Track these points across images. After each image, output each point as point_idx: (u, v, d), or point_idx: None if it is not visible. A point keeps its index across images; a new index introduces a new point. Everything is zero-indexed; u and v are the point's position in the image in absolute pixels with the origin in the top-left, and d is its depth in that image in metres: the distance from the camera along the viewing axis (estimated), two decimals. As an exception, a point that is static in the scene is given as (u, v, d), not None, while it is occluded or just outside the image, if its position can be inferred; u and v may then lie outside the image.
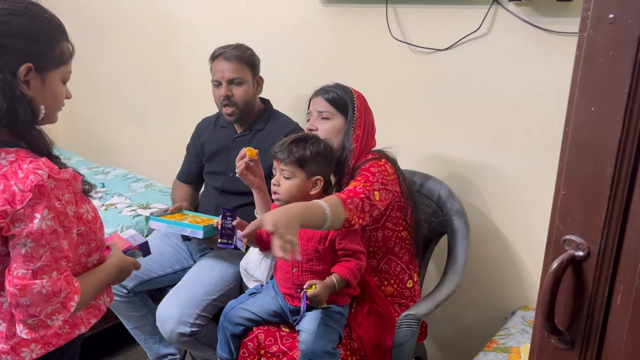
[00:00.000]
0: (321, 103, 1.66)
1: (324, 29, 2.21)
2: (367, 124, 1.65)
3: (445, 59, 1.91)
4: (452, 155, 1.97)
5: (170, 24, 2.88)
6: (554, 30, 1.68)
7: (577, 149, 0.61)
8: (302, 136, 1.57)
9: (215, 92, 1.99)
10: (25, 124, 1.08)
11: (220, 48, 1.98)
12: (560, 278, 0.62)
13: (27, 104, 1.06)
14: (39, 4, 1.14)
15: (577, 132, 0.61)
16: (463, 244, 1.74)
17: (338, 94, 1.66)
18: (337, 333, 1.51)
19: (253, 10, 2.44)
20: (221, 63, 1.95)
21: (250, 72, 1.99)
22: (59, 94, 1.16)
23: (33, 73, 1.08)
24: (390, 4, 1.98)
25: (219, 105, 2.00)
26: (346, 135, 1.63)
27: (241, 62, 1.95)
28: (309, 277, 1.53)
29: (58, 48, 1.13)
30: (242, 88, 1.95)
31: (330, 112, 1.65)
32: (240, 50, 1.97)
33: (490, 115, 1.86)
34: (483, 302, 1.99)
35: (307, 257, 1.53)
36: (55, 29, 1.13)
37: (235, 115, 1.97)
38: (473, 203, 1.93)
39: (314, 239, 1.52)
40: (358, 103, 1.65)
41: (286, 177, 1.53)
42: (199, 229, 1.76)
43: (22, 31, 1.07)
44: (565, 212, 0.63)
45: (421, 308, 1.53)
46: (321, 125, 1.65)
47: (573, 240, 0.62)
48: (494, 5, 1.77)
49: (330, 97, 1.66)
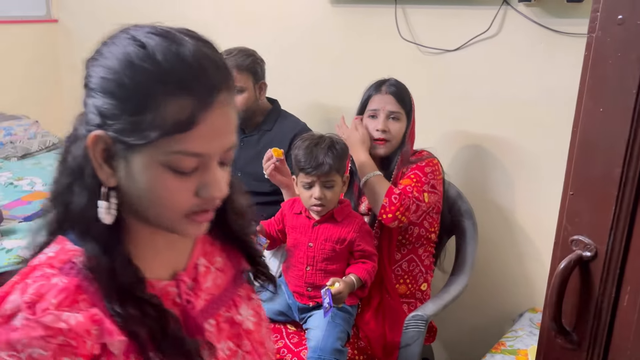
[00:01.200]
0: (391, 102, 1.62)
1: (333, 29, 2.22)
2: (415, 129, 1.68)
3: (455, 59, 1.91)
4: (461, 156, 1.97)
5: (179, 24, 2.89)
6: (564, 31, 1.67)
7: (585, 149, 0.61)
8: (324, 141, 1.50)
9: None
10: None
11: (223, 52, 1.97)
12: (568, 278, 0.62)
13: None
14: None
15: (585, 132, 0.61)
16: (471, 245, 1.74)
17: (405, 95, 1.64)
18: (346, 331, 1.51)
19: (262, 10, 2.45)
20: None
21: (252, 79, 1.96)
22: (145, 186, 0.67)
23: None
24: (399, 5, 1.98)
25: None
26: (406, 135, 1.63)
27: (241, 70, 1.92)
28: (322, 276, 1.52)
29: None
30: (242, 96, 1.94)
31: (401, 112, 1.62)
32: (241, 57, 1.94)
33: (499, 116, 1.85)
34: (491, 303, 1.99)
35: (323, 257, 1.52)
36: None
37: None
38: (482, 204, 1.92)
39: (332, 239, 1.51)
40: (412, 98, 1.66)
41: (328, 187, 1.48)
42: None
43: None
44: (573, 213, 0.63)
45: (428, 309, 1.53)
46: (392, 126, 1.62)
47: (581, 240, 0.62)
48: (503, 6, 1.77)
49: (397, 93, 1.63)
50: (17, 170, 3.00)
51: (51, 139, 3.42)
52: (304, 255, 1.53)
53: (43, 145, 3.38)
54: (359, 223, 1.53)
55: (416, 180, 1.53)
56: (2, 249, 2.05)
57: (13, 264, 1.99)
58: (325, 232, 1.51)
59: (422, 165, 1.58)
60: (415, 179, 1.53)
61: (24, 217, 2.32)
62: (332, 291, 1.40)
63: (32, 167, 3.08)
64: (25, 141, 3.34)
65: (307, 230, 1.53)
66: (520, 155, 1.83)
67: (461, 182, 1.89)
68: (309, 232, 1.53)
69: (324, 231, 1.51)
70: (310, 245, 1.52)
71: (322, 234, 1.52)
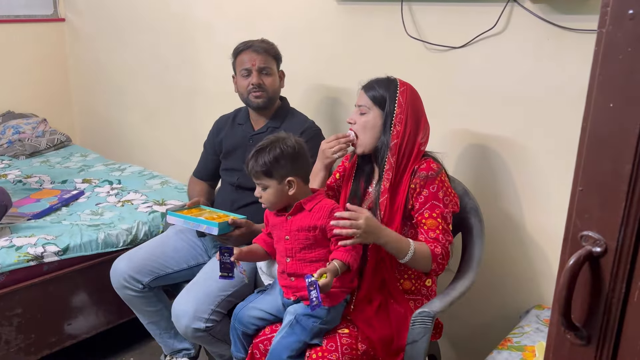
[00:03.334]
0: (362, 96, 1.66)
1: (339, 26, 2.22)
2: (411, 121, 1.62)
3: (461, 56, 1.90)
4: (468, 153, 1.97)
5: (186, 23, 2.90)
6: (572, 27, 1.66)
7: (595, 145, 0.61)
8: (260, 147, 1.57)
9: (243, 82, 2.01)
10: None
11: (244, 43, 2.02)
12: (577, 274, 0.62)
13: None
14: None
15: (595, 128, 0.61)
16: (478, 242, 1.74)
17: (379, 87, 1.64)
18: (302, 342, 1.50)
19: (268, 8, 2.45)
20: (250, 54, 1.99)
21: (276, 65, 2.04)
22: None
23: None
24: (405, 2, 1.98)
25: (245, 94, 2.02)
26: (383, 133, 1.62)
27: (269, 54, 2.01)
28: (303, 266, 1.55)
29: None
30: (272, 78, 2.01)
31: (366, 106, 1.64)
32: (267, 43, 2.03)
33: (506, 113, 1.85)
34: (497, 300, 1.99)
35: (299, 246, 1.56)
36: None
37: (263, 99, 2.00)
38: (488, 201, 1.92)
39: (303, 227, 1.55)
40: (401, 98, 1.62)
41: (263, 189, 1.57)
42: (214, 225, 1.77)
43: None
44: (582, 209, 0.63)
45: (435, 305, 1.53)
46: (358, 119, 1.65)
47: (590, 236, 0.62)
48: (510, 3, 1.76)
49: (369, 89, 1.65)
50: (25, 168, 3.02)
51: (59, 137, 3.44)
52: (283, 248, 1.58)
53: (51, 143, 3.40)
54: (329, 209, 1.55)
55: (441, 219, 1.57)
56: (12, 247, 2.06)
57: (23, 262, 2.01)
58: (297, 223, 1.56)
59: (435, 192, 1.58)
60: (439, 218, 1.57)
61: (33, 214, 2.34)
62: (319, 284, 1.38)
63: (41, 165, 3.10)
64: (33, 139, 3.36)
65: (283, 224, 1.58)
66: (527, 152, 1.83)
67: (467, 179, 1.89)
68: (284, 226, 1.58)
69: (296, 222, 1.56)
70: (287, 238, 1.57)
71: (294, 224, 1.56)
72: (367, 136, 1.63)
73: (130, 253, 2.02)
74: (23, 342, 2.06)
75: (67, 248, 2.12)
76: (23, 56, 3.64)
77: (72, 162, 3.15)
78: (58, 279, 2.11)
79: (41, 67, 3.73)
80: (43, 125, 3.48)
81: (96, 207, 2.49)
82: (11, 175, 2.89)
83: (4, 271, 1.97)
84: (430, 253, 1.55)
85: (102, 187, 2.73)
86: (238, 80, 2.03)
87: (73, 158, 3.23)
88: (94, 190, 2.69)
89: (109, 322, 2.32)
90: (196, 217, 1.83)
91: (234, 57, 2.04)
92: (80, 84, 3.82)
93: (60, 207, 2.46)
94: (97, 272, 2.19)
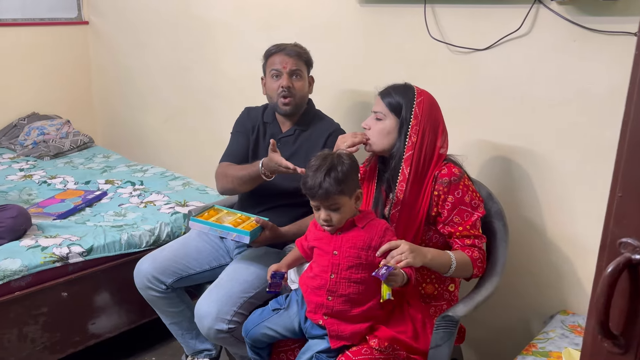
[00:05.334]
0: (379, 103, 1.64)
1: (361, 29, 2.21)
2: (428, 131, 1.59)
3: (485, 59, 1.89)
4: (492, 155, 1.95)
5: (206, 24, 2.92)
6: (599, 29, 1.64)
7: (635, 150, 0.60)
8: (325, 165, 1.47)
9: (273, 84, 1.99)
10: None
11: (276, 45, 2.01)
12: (616, 281, 0.61)
13: None
14: None
15: (635, 132, 0.60)
16: (502, 246, 1.72)
17: (396, 94, 1.61)
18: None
19: (289, 10, 2.46)
20: (282, 57, 1.97)
21: (307, 70, 2.03)
22: None
23: None
24: (428, 4, 1.97)
25: (274, 97, 1.99)
26: (398, 140, 1.60)
27: (301, 58, 2.00)
28: (346, 285, 1.49)
29: None
30: (302, 82, 2.00)
31: (383, 112, 1.62)
32: (300, 47, 2.02)
33: (531, 116, 1.83)
34: (521, 305, 1.97)
35: (348, 264, 1.48)
36: None
37: (291, 105, 1.98)
38: (513, 204, 1.90)
39: (357, 245, 1.49)
40: (418, 108, 1.59)
41: (334, 210, 1.48)
42: (246, 234, 1.75)
43: None
44: (621, 215, 0.62)
45: (459, 309, 1.52)
46: (374, 125, 1.64)
47: (630, 243, 0.61)
48: (535, 4, 1.74)
49: (385, 95, 1.63)
50: (50, 168, 3.07)
51: (82, 138, 3.49)
52: (328, 263, 1.51)
53: (74, 144, 3.45)
54: (382, 228, 1.51)
55: (472, 224, 1.58)
56: (37, 247, 2.10)
57: (49, 263, 2.04)
58: (350, 240, 1.50)
59: (461, 198, 1.57)
60: (469, 223, 1.58)
61: (58, 214, 2.38)
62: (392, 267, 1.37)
63: (64, 165, 3.15)
64: (57, 140, 3.42)
65: (332, 239, 1.52)
66: (552, 157, 1.81)
67: (491, 182, 1.88)
68: (333, 241, 1.51)
69: (348, 239, 1.50)
70: (335, 253, 1.50)
71: (346, 241, 1.50)
72: (382, 142, 1.62)
73: (154, 254, 2.04)
74: (48, 340, 2.09)
75: (91, 249, 2.15)
76: (47, 59, 3.70)
77: (95, 163, 3.19)
78: (82, 278, 2.14)
79: (65, 70, 3.79)
80: (67, 127, 3.53)
81: (119, 208, 2.51)
82: (36, 176, 2.94)
83: (31, 272, 2.01)
84: (470, 259, 1.55)
85: (125, 188, 2.76)
86: (267, 81, 2.02)
87: (96, 159, 3.27)
88: (116, 191, 2.72)
89: (132, 322, 2.34)
90: (222, 225, 1.81)
91: (265, 59, 2.02)
92: (102, 86, 3.87)
93: (84, 208, 2.49)
94: (120, 272, 2.21)
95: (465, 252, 1.56)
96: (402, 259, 1.41)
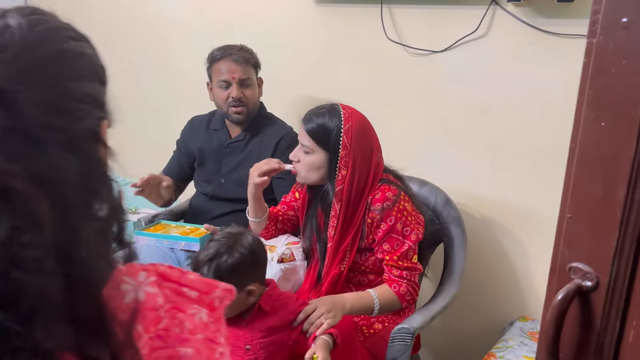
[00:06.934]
0: (303, 135, 1.51)
1: (317, 28, 2.15)
2: (359, 161, 1.47)
3: (442, 60, 1.85)
4: (449, 160, 1.91)
5: (162, 24, 2.81)
6: (555, 32, 1.62)
7: (585, 168, 0.55)
8: (214, 249, 1.27)
9: (222, 94, 1.89)
10: None
11: (222, 49, 1.89)
12: (566, 310, 0.56)
13: None
14: None
15: (585, 149, 0.55)
16: (460, 253, 1.68)
17: (320, 125, 1.47)
18: None
19: (245, 9, 2.38)
20: (229, 64, 1.87)
21: (255, 74, 1.94)
22: None
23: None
24: (385, 4, 1.92)
25: (224, 106, 1.91)
26: (328, 175, 1.50)
27: (249, 64, 1.90)
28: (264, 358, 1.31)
29: None
30: (251, 90, 1.91)
31: (310, 147, 1.49)
32: (247, 52, 1.91)
33: (488, 118, 1.80)
34: (480, 311, 1.94)
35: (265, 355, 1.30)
36: None
37: (244, 114, 1.90)
38: (470, 210, 1.87)
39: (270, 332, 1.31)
40: (346, 138, 1.45)
41: None
42: (195, 241, 1.68)
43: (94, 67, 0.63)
44: (571, 237, 0.57)
45: (415, 321, 1.47)
46: (303, 157, 1.52)
47: (580, 268, 0.56)
48: (492, 6, 1.71)
49: (310, 129, 1.48)
50: None
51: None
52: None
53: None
54: (295, 307, 1.34)
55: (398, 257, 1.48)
56: None
57: None
58: (259, 328, 1.30)
59: (393, 225, 1.46)
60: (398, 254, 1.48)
61: None
62: None
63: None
64: None
65: (241, 333, 1.31)
66: (511, 159, 1.78)
67: (449, 187, 1.83)
68: (243, 335, 1.30)
69: (259, 327, 1.30)
70: (248, 348, 1.30)
71: (257, 332, 1.30)
72: (312, 177, 1.53)
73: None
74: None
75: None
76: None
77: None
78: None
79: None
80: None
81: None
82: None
83: None
84: (396, 295, 1.49)
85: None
86: (215, 90, 1.92)
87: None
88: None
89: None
90: (169, 235, 1.73)
91: (210, 63, 1.92)
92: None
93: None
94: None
95: (392, 286, 1.49)
96: (323, 322, 1.31)
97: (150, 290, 0.57)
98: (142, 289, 0.57)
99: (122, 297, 0.55)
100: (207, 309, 0.61)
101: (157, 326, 0.56)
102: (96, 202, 0.57)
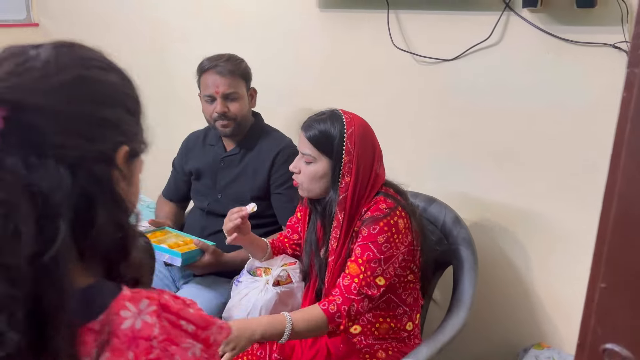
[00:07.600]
0: (304, 143, 1.41)
1: (321, 35, 2.05)
2: (362, 168, 1.38)
3: (452, 69, 1.74)
4: (460, 175, 1.80)
5: (162, 30, 2.73)
6: (574, 40, 1.51)
7: (623, 227, 0.44)
8: None
9: (208, 108, 1.81)
10: None
11: (209, 60, 1.80)
12: (599, 401, 0.45)
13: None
14: None
15: (624, 203, 0.44)
16: (470, 276, 1.57)
17: (323, 132, 1.38)
18: None
19: (247, 15, 2.29)
20: (214, 77, 1.77)
21: (245, 86, 1.83)
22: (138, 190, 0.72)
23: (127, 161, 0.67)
24: (392, 10, 1.81)
25: (210, 121, 1.84)
26: (332, 183, 1.39)
27: (235, 76, 1.79)
28: None
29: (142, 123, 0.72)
30: (238, 103, 1.79)
31: (312, 155, 1.39)
32: (233, 63, 1.79)
33: (501, 131, 1.69)
34: (492, 337, 1.82)
35: None
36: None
37: (230, 127, 1.80)
38: (482, 229, 1.76)
39: None
40: (349, 143, 1.37)
41: None
42: (177, 256, 1.60)
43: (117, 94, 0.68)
44: (605, 313, 0.46)
45: (422, 354, 1.36)
46: (304, 168, 1.42)
47: (616, 352, 0.45)
48: (506, 12, 1.60)
49: (312, 136, 1.39)
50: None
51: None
52: None
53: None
54: None
55: (365, 269, 1.32)
56: None
57: None
58: None
59: (374, 235, 1.33)
60: (364, 266, 1.32)
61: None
62: None
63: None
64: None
65: None
66: (526, 173, 1.67)
67: (459, 204, 1.72)
68: None
69: None
70: None
71: None
72: (315, 188, 1.42)
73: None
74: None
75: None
76: (-6, 63, 3.46)
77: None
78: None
79: (13, 74, 3.55)
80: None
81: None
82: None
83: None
84: (326, 314, 1.31)
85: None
86: (202, 104, 1.85)
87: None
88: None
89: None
90: (159, 245, 1.66)
91: (199, 74, 1.83)
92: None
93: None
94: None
95: (322, 304, 1.34)
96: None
97: (148, 320, 0.59)
98: (140, 318, 0.59)
99: (120, 323, 0.58)
100: (201, 344, 0.62)
101: (148, 356, 0.58)
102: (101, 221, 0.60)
